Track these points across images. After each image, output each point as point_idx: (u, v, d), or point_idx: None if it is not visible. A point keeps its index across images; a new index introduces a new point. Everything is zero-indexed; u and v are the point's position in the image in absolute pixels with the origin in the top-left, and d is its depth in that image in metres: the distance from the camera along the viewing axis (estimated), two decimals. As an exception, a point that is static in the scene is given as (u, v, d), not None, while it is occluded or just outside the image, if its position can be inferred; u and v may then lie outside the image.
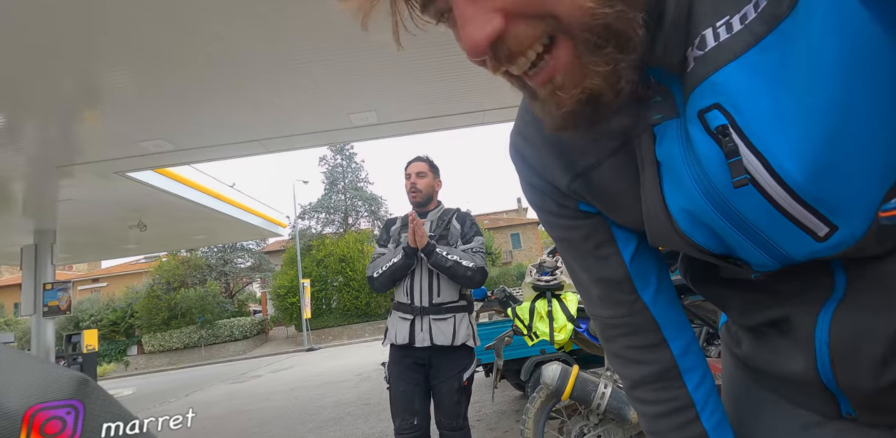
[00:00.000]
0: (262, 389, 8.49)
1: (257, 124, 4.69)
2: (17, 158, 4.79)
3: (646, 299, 0.60)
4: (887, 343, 0.45)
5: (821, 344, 0.50)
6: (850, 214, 0.42)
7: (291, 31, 3.19)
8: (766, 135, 0.40)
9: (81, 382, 0.27)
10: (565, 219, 0.61)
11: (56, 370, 0.28)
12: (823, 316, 0.49)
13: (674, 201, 0.48)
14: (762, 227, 0.46)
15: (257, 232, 10.60)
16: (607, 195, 0.55)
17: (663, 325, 0.61)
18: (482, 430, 3.96)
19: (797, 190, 0.41)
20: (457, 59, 3.77)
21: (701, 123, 0.43)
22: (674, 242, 0.51)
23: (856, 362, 0.48)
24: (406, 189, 2.38)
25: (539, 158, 0.58)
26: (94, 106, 3.97)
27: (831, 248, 0.45)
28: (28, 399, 0.25)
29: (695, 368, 0.61)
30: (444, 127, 5.49)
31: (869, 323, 0.47)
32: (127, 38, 3.03)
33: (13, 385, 0.25)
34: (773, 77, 0.39)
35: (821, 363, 0.50)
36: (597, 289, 0.62)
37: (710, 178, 0.45)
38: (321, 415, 5.43)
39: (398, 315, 2.29)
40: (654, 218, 0.51)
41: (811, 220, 0.43)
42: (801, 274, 0.50)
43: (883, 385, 0.47)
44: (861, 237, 0.43)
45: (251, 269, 26.31)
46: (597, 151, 0.52)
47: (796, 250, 0.46)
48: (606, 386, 2.08)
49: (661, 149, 0.47)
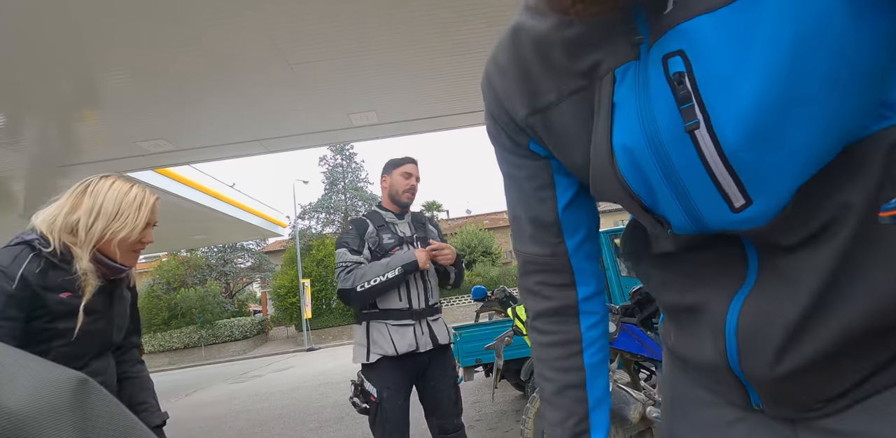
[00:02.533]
0: (263, 389, 8.49)
1: (257, 124, 4.69)
2: (17, 158, 4.79)
3: (569, 246, 0.65)
4: (785, 334, 0.47)
5: (730, 332, 0.51)
6: (766, 191, 0.44)
7: (292, 31, 3.19)
8: (715, 92, 0.42)
9: (81, 382, 0.27)
10: (515, 157, 0.64)
11: (56, 370, 0.28)
12: (735, 304, 0.51)
13: (619, 141, 0.49)
14: (688, 183, 0.47)
15: (257, 232, 10.60)
16: (560, 135, 0.56)
17: (577, 271, 0.66)
18: (482, 430, 3.95)
19: (727, 152, 0.43)
20: (457, 59, 3.77)
21: (662, 67, 0.44)
22: (611, 187, 0.53)
23: (757, 351, 0.50)
24: (402, 188, 2.25)
25: (504, 86, 0.59)
26: (95, 106, 3.97)
27: (742, 222, 0.46)
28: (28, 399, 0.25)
29: (592, 313, 0.68)
30: (444, 127, 5.49)
31: (772, 314, 0.48)
32: (127, 37, 3.03)
33: (13, 384, 0.25)
34: (737, 37, 0.40)
35: (729, 351, 0.52)
36: (529, 228, 0.66)
37: (657, 122, 0.46)
38: (321, 415, 5.43)
39: (391, 323, 2.12)
40: (598, 157, 0.52)
41: (731, 187, 0.45)
42: (718, 259, 0.52)
43: (778, 374, 0.49)
44: (771, 218, 0.45)
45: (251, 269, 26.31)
46: (559, 89, 0.53)
47: (711, 216, 0.48)
48: (606, 386, 2.08)
49: (620, 91, 0.48)
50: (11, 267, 1.06)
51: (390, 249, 2.18)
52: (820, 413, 0.50)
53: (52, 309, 1.09)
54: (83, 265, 1.12)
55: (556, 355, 0.67)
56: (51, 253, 1.11)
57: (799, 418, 0.51)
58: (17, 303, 1.05)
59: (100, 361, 1.21)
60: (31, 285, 1.07)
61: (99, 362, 1.20)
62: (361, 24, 3.14)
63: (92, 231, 1.15)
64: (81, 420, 0.26)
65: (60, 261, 1.12)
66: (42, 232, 1.14)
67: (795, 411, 0.51)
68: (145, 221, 1.22)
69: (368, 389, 2.11)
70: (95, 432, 0.26)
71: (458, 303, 20.61)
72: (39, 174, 5.32)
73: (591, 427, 0.66)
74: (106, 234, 1.16)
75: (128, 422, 0.29)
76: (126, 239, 1.19)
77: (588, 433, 0.66)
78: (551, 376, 0.68)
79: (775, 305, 0.48)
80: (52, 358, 1.08)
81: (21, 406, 0.24)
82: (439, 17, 3.20)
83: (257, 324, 21.39)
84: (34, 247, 1.11)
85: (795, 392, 0.50)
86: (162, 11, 2.81)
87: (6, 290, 1.04)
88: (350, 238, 2.15)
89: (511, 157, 0.65)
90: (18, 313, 1.05)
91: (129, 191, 1.21)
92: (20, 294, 1.05)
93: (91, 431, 0.26)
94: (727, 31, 0.41)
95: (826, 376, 0.48)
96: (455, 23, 3.28)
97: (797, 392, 0.50)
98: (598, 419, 0.67)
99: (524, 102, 0.57)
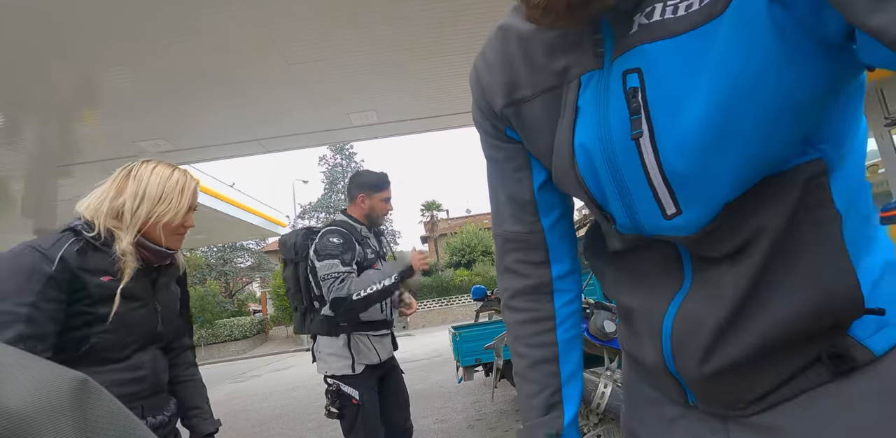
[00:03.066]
0: (262, 389, 8.49)
1: (257, 124, 4.69)
2: (16, 158, 4.78)
3: (544, 224, 0.70)
4: (711, 336, 0.52)
5: (665, 334, 0.57)
6: (695, 203, 0.49)
7: (291, 30, 3.18)
8: (662, 109, 0.47)
9: (82, 382, 0.27)
10: (496, 140, 0.70)
11: (56, 369, 0.28)
12: (672, 308, 0.56)
13: (579, 140, 0.55)
14: (630, 186, 0.53)
15: (257, 231, 10.60)
16: (530, 126, 0.62)
17: (551, 249, 0.70)
18: (482, 430, 3.96)
19: (664, 162, 0.48)
20: (457, 58, 3.77)
21: (622, 81, 0.49)
22: (570, 180, 0.59)
23: (688, 352, 0.55)
24: (382, 213, 2.32)
25: (488, 79, 0.65)
26: (94, 106, 3.96)
27: (672, 228, 0.52)
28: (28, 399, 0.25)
29: (566, 291, 0.72)
30: (443, 126, 5.49)
31: (701, 318, 0.53)
32: (126, 37, 3.02)
33: (13, 384, 0.25)
34: (688, 63, 0.45)
35: (665, 351, 0.57)
36: (509, 207, 0.71)
37: (611, 128, 0.51)
38: (321, 415, 5.41)
39: (372, 334, 2.19)
40: (560, 153, 0.58)
41: (665, 195, 0.50)
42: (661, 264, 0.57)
43: (706, 373, 0.54)
44: (698, 229, 0.50)
45: (251, 269, 26.33)
46: (535, 86, 0.59)
47: (647, 219, 0.54)
48: (606, 386, 2.08)
49: (584, 96, 0.54)
50: (52, 249, 1.06)
51: (371, 265, 2.21)
52: (746, 412, 0.54)
53: (92, 293, 1.08)
54: (122, 246, 1.12)
55: (531, 331, 0.71)
56: (94, 236, 1.11)
57: (729, 415, 0.56)
58: (57, 285, 1.03)
59: (144, 354, 1.18)
60: (71, 267, 1.06)
61: (143, 355, 1.17)
62: (361, 23, 3.14)
63: (137, 214, 1.16)
64: (82, 420, 0.26)
65: (102, 245, 1.12)
66: (86, 218, 1.15)
67: (723, 408, 0.56)
68: (188, 205, 1.22)
69: (349, 392, 2.10)
70: (96, 432, 0.26)
71: (458, 303, 20.61)
72: (38, 174, 5.31)
73: (563, 399, 0.69)
74: (151, 218, 1.17)
75: (128, 422, 0.29)
76: (170, 223, 1.19)
77: (561, 404, 0.69)
78: (525, 352, 0.71)
79: (704, 311, 0.53)
80: (95, 344, 1.07)
81: (21, 406, 0.24)
82: (439, 16, 3.20)
83: (257, 324, 21.39)
84: (77, 232, 1.11)
85: (722, 390, 0.55)
86: (161, 11, 2.80)
87: (46, 272, 1.03)
88: (340, 252, 2.10)
89: (493, 141, 0.70)
90: (59, 294, 1.04)
91: (172, 175, 1.21)
92: (60, 275, 1.04)
93: (91, 431, 0.26)
94: (681, 56, 0.46)
95: (749, 377, 0.53)
96: (453, 22, 3.28)
97: (723, 391, 0.55)
98: (570, 392, 0.70)
99: (503, 94, 0.63)
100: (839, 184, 0.49)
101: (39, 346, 0.99)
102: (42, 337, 1.00)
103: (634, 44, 0.48)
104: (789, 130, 0.45)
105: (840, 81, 0.46)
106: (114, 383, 1.09)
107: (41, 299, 1.01)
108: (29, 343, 0.97)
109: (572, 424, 0.69)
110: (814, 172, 0.47)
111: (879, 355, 0.49)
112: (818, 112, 0.46)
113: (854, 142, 0.51)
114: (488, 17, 3.26)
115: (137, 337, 1.16)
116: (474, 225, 25.39)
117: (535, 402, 0.69)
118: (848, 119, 0.49)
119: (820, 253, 0.48)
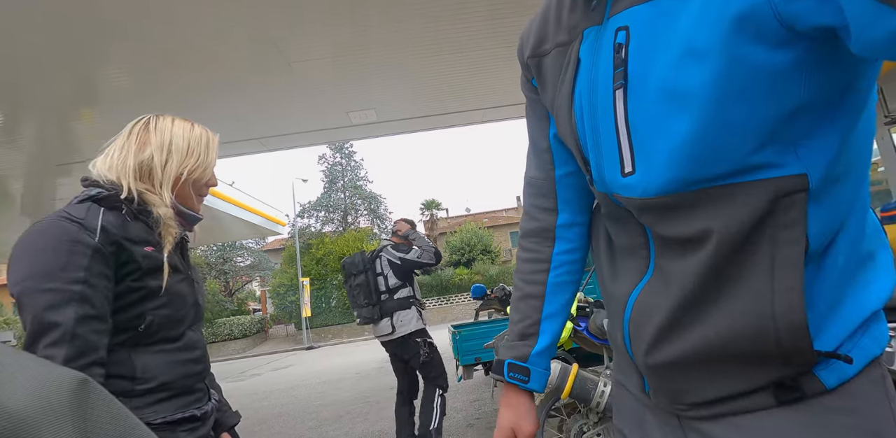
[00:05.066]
0: (262, 387, 8.50)
1: (256, 122, 4.68)
2: (15, 157, 4.78)
3: (557, 173, 0.75)
4: (655, 330, 0.55)
5: (626, 317, 0.60)
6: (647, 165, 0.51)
7: (291, 30, 3.18)
8: (637, 65, 0.51)
9: (82, 382, 0.27)
10: (527, 91, 0.76)
11: (56, 369, 0.28)
12: (634, 293, 0.59)
13: (578, 89, 0.59)
14: (602, 137, 0.56)
15: (257, 230, 10.59)
16: (545, 79, 0.68)
17: (560, 199, 0.76)
18: (481, 428, 3.96)
19: (630, 115, 0.51)
20: (457, 57, 3.77)
21: (613, 36, 0.53)
22: (568, 130, 0.63)
23: (638, 340, 0.58)
24: None
25: (527, 36, 0.72)
26: (93, 104, 3.96)
27: (624, 187, 0.55)
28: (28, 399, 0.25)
29: (567, 240, 0.77)
30: (443, 125, 5.48)
31: (653, 309, 0.55)
32: (126, 36, 3.02)
33: (13, 384, 0.25)
34: (664, 24, 0.48)
35: (625, 335, 0.61)
36: (533, 153, 0.78)
37: (598, 78, 0.55)
38: (321, 414, 5.44)
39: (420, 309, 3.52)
40: (560, 105, 0.63)
41: (626, 151, 0.53)
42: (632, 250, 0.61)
43: (649, 363, 0.57)
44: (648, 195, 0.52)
45: (251, 268, 26.33)
46: (554, 40, 0.65)
47: (609, 174, 0.57)
48: (606, 385, 2.08)
49: (583, 50, 0.59)
50: (88, 219, 0.91)
51: None
52: (689, 414, 0.56)
53: (142, 265, 0.95)
54: (162, 210, 1.00)
55: (528, 270, 0.78)
56: (127, 199, 0.97)
57: (681, 415, 0.58)
58: (103, 259, 0.90)
59: (195, 333, 1.09)
60: (116, 237, 0.92)
61: (194, 334, 1.08)
62: (360, 22, 3.14)
63: (168, 169, 1.03)
64: (82, 420, 0.26)
65: (139, 212, 0.99)
66: (110, 179, 1.00)
67: (668, 403, 0.58)
68: (215, 159, 1.12)
69: (431, 340, 3.41)
70: (96, 432, 0.26)
71: (458, 301, 20.61)
72: (37, 173, 5.30)
73: (539, 332, 0.76)
74: (183, 173, 1.04)
75: (128, 422, 0.29)
76: (199, 180, 1.09)
77: (536, 335, 0.76)
78: (520, 285, 0.79)
79: (656, 302, 0.55)
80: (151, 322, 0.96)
81: (21, 406, 0.24)
82: (438, 16, 3.20)
83: (257, 323, 21.40)
84: (107, 199, 0.96)
85: (664, 385, 0.57)
86: (160, 10, 2.80)
87: (89, 243, 0.88)
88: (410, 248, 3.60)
89: (526, 91, 0.76)
90: (106, 270, 0.90)
91: (194, 129, 1.10)
92: (106, 248, 0.90)
93: (91, 431, 0.26)
94: (659, 17, 0.49)
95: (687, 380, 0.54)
96: (452, 21, 3.28)
97: (666, 386, 0.58)
98: (547, 327, 0.76)
99: (531, 46, 0.70)
100: (824, 209, 0.47)
101: (102, 326, 0.88)
102: (103, 318, 0.89)
103: (629, 5, 0.52)
104: (747, 115, 0.45)
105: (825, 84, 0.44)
106: (176, 364, 1.00)
107: (91, 274, 0.87)
108: (92, 324, 0.86)
109: (541, 353, 0.76)
110: (791, 188, 0.46)
111: (831, 388, 0.48)
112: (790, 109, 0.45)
113: (853, 170, 0.48)
114: (487, 17, 3.25)
115: (186, 312, 1.06)
116: (474, 223, 25.40)
117: (515, 328, 0.77)
118: (848, 141, 0.47)
119: (772, 274, 0.46)
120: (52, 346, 0.83)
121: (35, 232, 0.90)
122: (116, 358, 0.94)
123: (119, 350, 0.95)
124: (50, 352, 0.82)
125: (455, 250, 23.99)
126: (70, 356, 0.83)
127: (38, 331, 0.84)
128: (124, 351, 0.95)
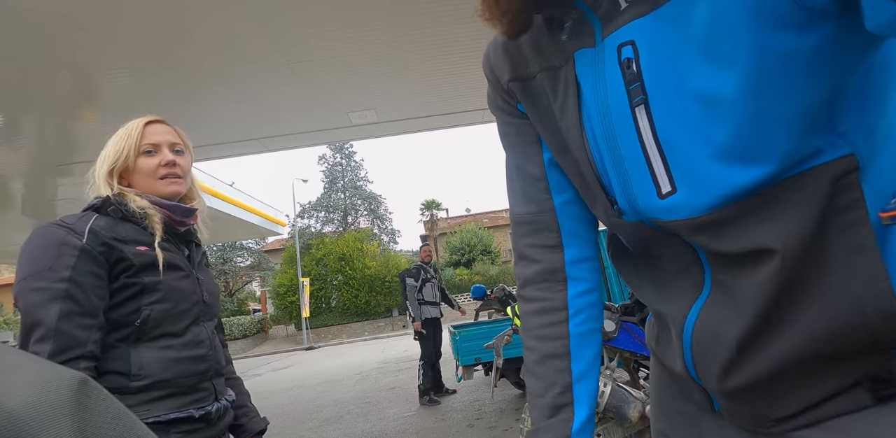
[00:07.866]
0: (262, 388, 8.49)
1: (256, 123, 4.68)
2: (15, 157, 4.78)
3: (556, 201, 0.66)
4: (730, 352, 0.49)
5: (686, 343, 0.53)
6: (690, 181, 0.47)
7: (291, 30, 3.18)
8: (655, 77, 0.47)
9: (82, 382, 0.27)
10: (506, 115, 0.68)
11: (56, 369, 0.28)
12: (691, 314, 0.53)
13: (585, 116, 0.55)
14: (626, 160, 0.51)
15: (257, 230, 10.59)
16: (535, 102, 0.62)
17: (564, 232, 0.65)
18: (481, 428, 3.96)
19: (658, 129, 0.47)
20: (457, 57, 3.76)
21: (616, 54, 0.50)
22: (580, 160, 0.57)
23: (707, 364, 0.51)
24: None
25: (496, 57, 0.66)
26: (93, 105, 3.96)
27: (665, 210, 0.50)
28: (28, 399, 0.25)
29: (581, 280, 0.66)
30: (443, 125, 5.48)
31: (721, 329, 0.49)
32: (125, 35, 3.02)
33: (13, 384, 0.25)
34: (677, 30, 0.45)
35: (686, 359, 0.54)
36: (521, 185, 0.68)
37: (608, 100, 0.51)
38: (321, 414, 5.44)
39: None
40: (571, 135, 0.57)
41: (660, 170, 0.49)
42: (678, 268, 0.54)
43: (726, 389, 0.50)
44: (695, 214, 0.47)
45: (251, 268, 26.34)
46: (537, 64, 0.60)
47: (643, 199, 0.51)
48: (606, 385, 2.08)
49: (581, 72, 0.54)
50: (78, 224, 1.00)
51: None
52: (773, 430, 0.50)
53: (134, 262, 1.02)
54: (137, 201, 1.07)
55: (540, 323, 0.65)
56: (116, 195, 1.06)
57: (759, 431, 0.52)
58: (92, 258, 0.97)
59: (199, 328, 1.11)
60: (104, 238, 1.00)
61: (200, 331, 1.10)
62: (360, 22, 3.14)
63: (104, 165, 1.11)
64: (81, 420, 0.26)
65: (128, 215, 1.06)
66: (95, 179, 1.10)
67: (749, 424, 0.52)
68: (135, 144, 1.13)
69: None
70: (96, 432, 0.26)
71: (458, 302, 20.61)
72: (38, 173, 5.30)
73: (574, 400, 0.62)
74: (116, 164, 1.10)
75: (128, 423, 0.29)
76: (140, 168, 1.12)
77: (571, 405, 0.61)
78: (534, 345, 0.65)
79: (724, 321, 0.49)
80: (148, 316, 1.00)
81: (21, 407, 0.24)
82: (438, 15, 3.20)
83: (256, 323, 21.39)
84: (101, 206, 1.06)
85: (744, 409, 0.51)
86: (160, 9, 2.80)
87: (76, 244, 0.96)
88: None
89: (504, 116, 0.69)
90: (97, 268, 0.97)
91: (126, 124, 1.17)
92: (94, 248, 0.97)
93: (91, 432, 0.26)
94: (668, 25, 0.46)
95: (773, 397, 0.49)
96: (453, 21, 3.27)
97: (746, 409, 0.51)
98: (581, 392, 0.62)
99: (508, 70, 0.63)
100: (877, 182, 0.44)
101: (88, 322, 0.93)
102: (90, 314, 0.94)
103: (628, 20, 0.48)
104: (787, 105, 0.42)
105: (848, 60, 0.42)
106: (175, 361, 1.03)
107: (77, 273, 0.94)
108: (76, 319, 0.92)
109: (583, 429, 0.61)
110: (843, 169, 0.43)
111: None
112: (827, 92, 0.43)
113: (892, 135, 0.45)
114: (488, 16, 3.25)
115: (188, 307, 1.09)
116: (474, 224, 25.40)
117: (542, 402, 0.63)
118: (885, 110, 0.44)
119: (849, 263, 0.43)
120: (38, 342, 0.89)
121: (32, 238, 0.99)
122: (115, 354, 0.97)
123: (119, 346, 0.98)
124: (37, 348, 0.88)
125: (455, 250, 23.98)
126: (54, 351, 0.88)
127: (27, 328, 0.91)
128: (124, 347, 0.99)
